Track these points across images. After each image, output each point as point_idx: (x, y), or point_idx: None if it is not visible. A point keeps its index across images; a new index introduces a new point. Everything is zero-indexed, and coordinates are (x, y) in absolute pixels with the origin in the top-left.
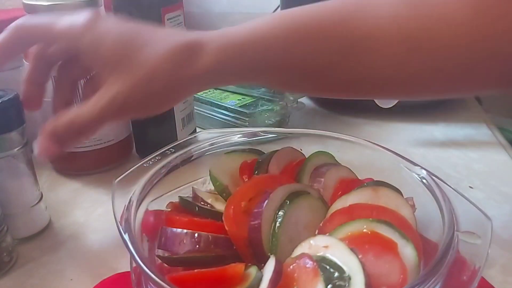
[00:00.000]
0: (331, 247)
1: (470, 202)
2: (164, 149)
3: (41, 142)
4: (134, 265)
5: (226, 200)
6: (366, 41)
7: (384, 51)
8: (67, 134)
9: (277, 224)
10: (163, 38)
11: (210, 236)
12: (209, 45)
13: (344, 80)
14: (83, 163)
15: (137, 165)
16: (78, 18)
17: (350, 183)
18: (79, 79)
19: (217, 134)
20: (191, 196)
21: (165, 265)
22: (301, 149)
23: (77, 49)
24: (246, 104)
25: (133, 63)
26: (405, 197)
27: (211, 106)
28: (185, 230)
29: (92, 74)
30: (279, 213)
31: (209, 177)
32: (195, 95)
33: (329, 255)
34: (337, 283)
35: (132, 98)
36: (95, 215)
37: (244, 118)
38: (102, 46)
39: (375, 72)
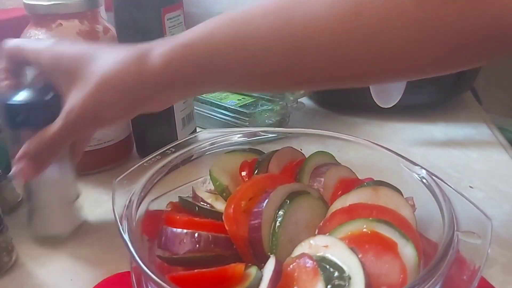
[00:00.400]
0: (331, 247)
1: (470, 202)
2: (164, 149)
3: (17, 164)
4: (134, 265)
5: (226, 200)
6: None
7: (332, 52)
8: (39, 152)
9: (277, 224)
10: (113, 51)
11: (210, 236)
12: (155, 51)
13: (296, 76)
14: (83, 163)
15: (137, 165)
16: (42, 40)
17: (350, 183)
18: None
19: (217, 134)
20: (191, 196)
21: (165, 265)
22: (301, 149)
23: (39, 66)
24: (246, 104)
25: (84, 76)
26: (405, 197)
27: (211, 106)
28: (185, 230)
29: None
30: (279, 212)
31: (209, 177)
32: None
33: (329, 255)
34: (337, 283)
35: (85, 109)
36: (95, 215)
37: (244, 118)
38: (60, 65)
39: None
